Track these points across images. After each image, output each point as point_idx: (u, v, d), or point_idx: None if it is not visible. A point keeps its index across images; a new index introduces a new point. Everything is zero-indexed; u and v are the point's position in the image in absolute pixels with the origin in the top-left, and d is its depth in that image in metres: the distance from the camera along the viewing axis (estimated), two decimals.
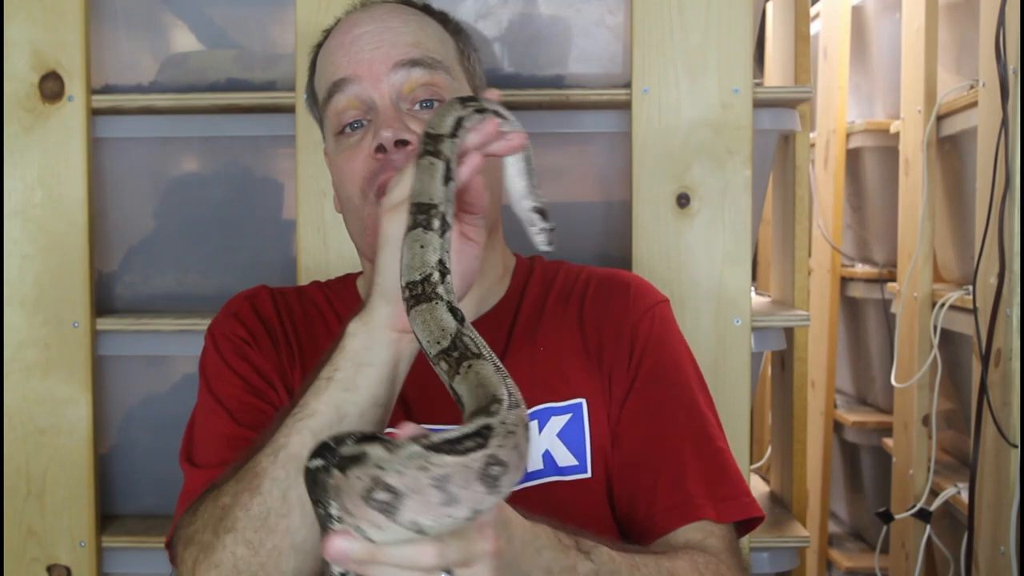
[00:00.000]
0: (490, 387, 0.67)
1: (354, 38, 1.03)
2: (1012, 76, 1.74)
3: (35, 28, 1.51)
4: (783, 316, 1.64)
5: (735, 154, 1.49)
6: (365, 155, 1.01)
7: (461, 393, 0.69)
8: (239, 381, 1.02)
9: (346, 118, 1.03)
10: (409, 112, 1.02)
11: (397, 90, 1.01)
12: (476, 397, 0.67)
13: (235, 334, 1.05)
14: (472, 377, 0.69)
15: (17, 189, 1.52)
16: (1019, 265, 1.74)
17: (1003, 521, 1.75)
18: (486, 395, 0.66)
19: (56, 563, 1.53)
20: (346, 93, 1.02)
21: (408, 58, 1.02)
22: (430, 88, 1.02)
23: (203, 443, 1.01)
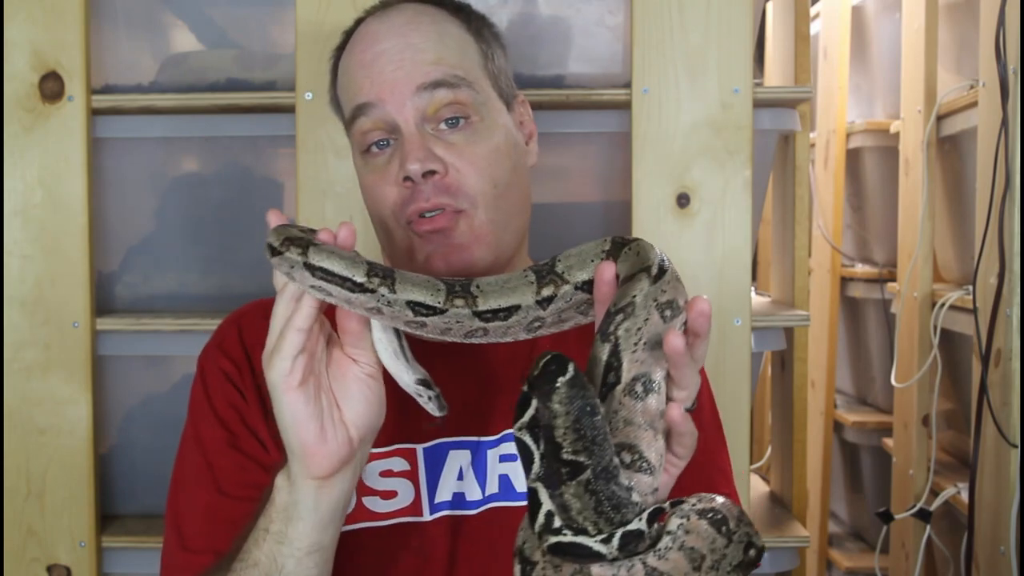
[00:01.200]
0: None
1: (374, 56, 1.02)
2: (1012, 76, 1.74)
3: (35, 28, 1.51)
4: (783, 316, 1.64)
5: (735, 154, 1.49)
6: (393, 182, 1.00)
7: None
8: (224, 433, 1.01)
9: (371, 138, 1.02)
10: (435, 133, 1.00)
11: (421, 112, 1.00)
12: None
13: (221, 370, 1.04)
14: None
15: (17, 189, 1.52)
16: (1019, 265, 1.74)
17: (1003, 521, 1.75)
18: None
19: (56, 563, 1.53)
20: (370, 117, 1.01)
21: (430, 80, 1.00)
22: (454, 107, 1.01)
23: (191, 519, 1.00)
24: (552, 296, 0.82)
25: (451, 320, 0.81)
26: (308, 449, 0.82)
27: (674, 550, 0.72)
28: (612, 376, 0.75)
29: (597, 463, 0.69)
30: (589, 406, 0.70)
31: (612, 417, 0.74)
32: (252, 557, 0.85)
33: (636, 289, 0.76)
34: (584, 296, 0.82)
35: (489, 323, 0.81)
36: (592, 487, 0.69)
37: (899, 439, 2.32)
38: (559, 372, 0.70)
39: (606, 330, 0.75)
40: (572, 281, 0.82)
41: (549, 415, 0.69)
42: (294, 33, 1.48)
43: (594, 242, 0.83)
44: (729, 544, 0.73)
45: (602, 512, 0.69)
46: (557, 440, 0.69)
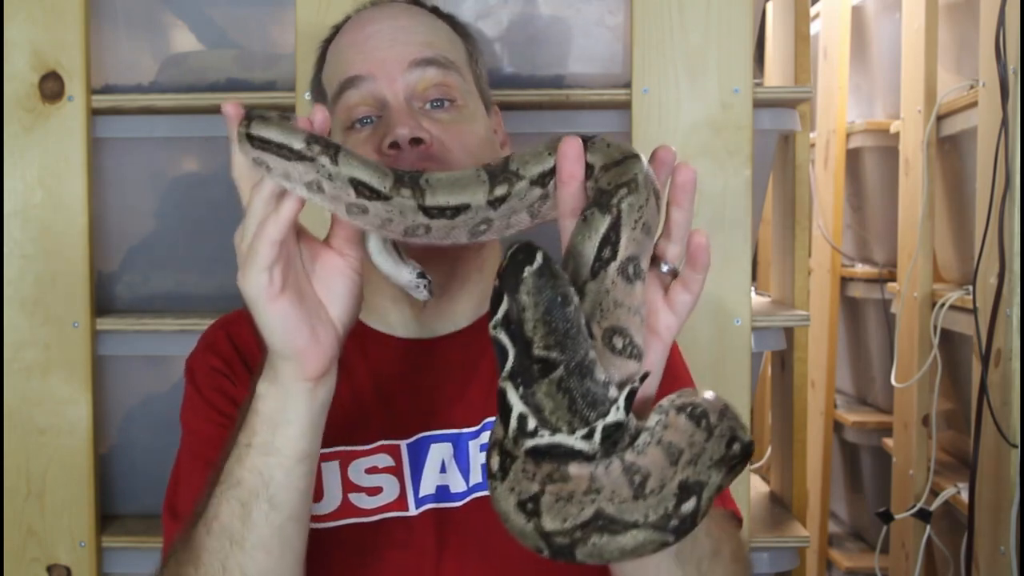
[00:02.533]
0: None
1: (367, 36, 1.03)
2: (1012, 76, 1.74)
3: (35, 28, 1.51)
4: (783, 316, 1.64)
5: (735, 154, 1.49)
6: (374, 149, 1.00)
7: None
8: (217, 416, 1.01)
9: (357, 114, 1.02)
10: (421, 111, 1.01)
11: (411, 88, 1.01)
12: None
13: (212, 367, 1.03)
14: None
15: (17, 189, 1.52)
16: (1019, 265, 1.74)
17: (1003, 521, 1.75)
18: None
19: (56, 563, 1.53)
20: (359, 90, 1.02)
21: (423, 57, 1.02)
22: (442, 88, 1.02)
23: (186, 492, 1.00)
24: (506, 195, 0.75)
25: (394, 210, 0.75)
26: (302, 352, 0.79)
27: (652, 444, 0.68)
28: (608, 251, 0.70)
29: (570, 359, 0.65)
30: (560, 296, 0.66)
31: (603, 296, 0.69)
32: (234, 476, 0.82)
33: (636, 168, 0.71)
34: (538, 192, 0.76)
35: (433, 219, 0.75)
36: (565, 384, 0.65)
37: (899, 439, 2.32)
38: (526, 261, 0.66)
39: (607, 202, 0.69)
40: (527, 176, 0.75)
41: (517, 308, 0.65)
42: (294, 33, 1.48)
43: (543, 142, 0.77)
44: (709, 438, 0.70)
45: (576, 411, 0.65)
46: (527, 336, 0.65)
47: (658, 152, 0.75)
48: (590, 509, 0.66)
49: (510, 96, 1.51)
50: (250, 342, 1.05)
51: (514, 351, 0.66)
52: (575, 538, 0.66)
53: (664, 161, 0.75)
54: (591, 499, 0.66)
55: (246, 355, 1.04)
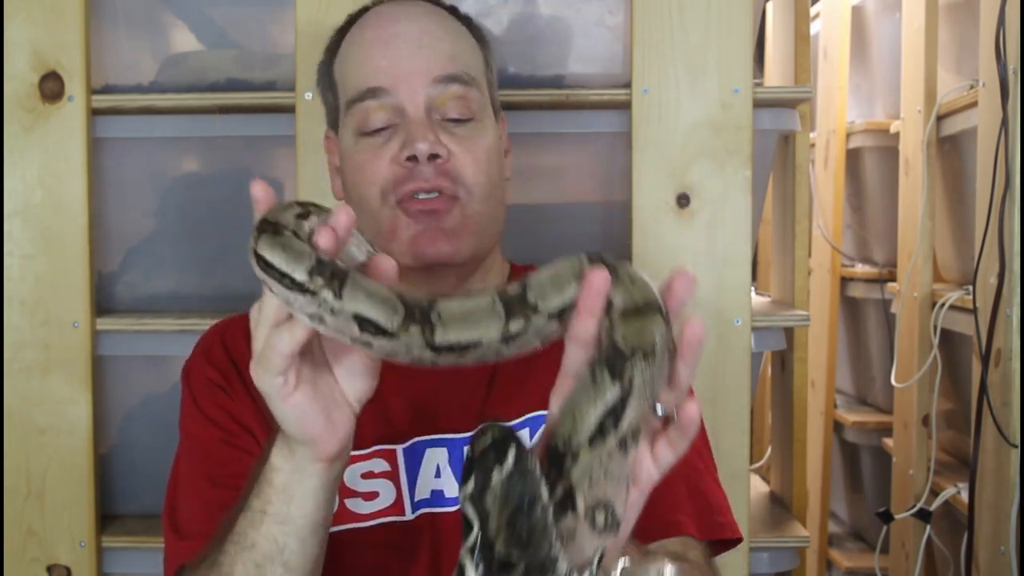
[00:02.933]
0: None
1: (392, 37, 1.02)
2: (1012, 76, 1.74)
3: (35, 28, 1.51)
4: (783, 316, 1.64)
5: (735, 154, 1.49)
6: (390, 159, 1.00)
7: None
8: (214, 429, 1.00)
9: (374, 121, 1.02)
10: (439, 123, 1.01)
11: (432, 101, 1.01)
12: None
13: (208, 379, 1.03)
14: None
15: (17, 189, 1.52)
16: (1019, 265, 1.74)
17: (1003, 521, 1.75)
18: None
19: (56, 563, 1.53)
20: (380, 100, 1.01)
21: (447, 73, 1.02)
22: (462, 103, 1.02)
23: (186, 508, 1.00)
24: (521, 331, 0.71)
25: (400, 346, 0.71)
26: (317, 439, 0.78)
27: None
28: (611, 421, 0.66)
29: (531, 559, 0.63)
30: (529, 498, 0.63)
31: (595, 468, 0.67)
32: (248, 539, 0.82)
33: (657, 331, 0.68)
34: (555, 325, 0.71)
35: (441, 355, 0.71)
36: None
37: (899, 439, 2.32)
38: (497, 461, 0.64)
39: (621, 369, 0.66)
40: (545, 311, 0.70)
41: (482, 511, 0.64)
42: (294, 33, 1.48)
43: (567, 260, 0.72)
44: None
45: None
46: (490, 537, 0.64)
47: (675, 284, 0.70)
48: None
49: (510, 96, 1.51)
50: (244, 351, 1.04)
51: (477, 530, 0.65)
52: None
53: (678, 294, 0.71)
54: None
55: (241, 365, 1.03)
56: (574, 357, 0.69)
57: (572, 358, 0.70)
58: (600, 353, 0.68)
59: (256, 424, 1.01)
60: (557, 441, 0.67)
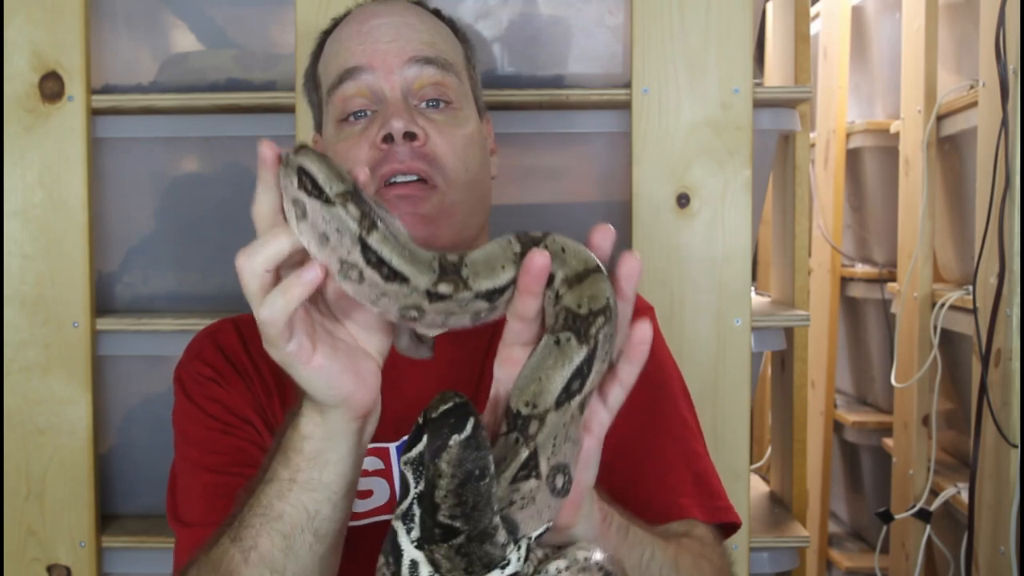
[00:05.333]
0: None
1: (371, 28, 1.04)
2: (1012, 76, 1.74)
3: (35, 28, 1.51)
4: (783, 316, 1.64)
5: (735, 154, 1.49)
6: (369, 144, 1.00)
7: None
8: (213, 423, 1.00)
9: (352, 105, 1.02)
10: (416, 108, 1.02)
11: (408, 84, 1.02)
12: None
13: (201, 375, 1.03)
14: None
15: (17, 189, 1.52)
16: (1019, 265, 1.74)
17: (1003, 521, 1.75)
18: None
19: (56, 563, 1.53)
20: (357, 81, 1.02)
21: (423, 55, 1.02)
22: (439, 88, 1.02)
23: (186, 498, 0.99)
24: (447, 295, 0.70)
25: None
26: (349, 398, 0.76)
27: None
28: (577, 384, 0.68)
29: (473, 528, 0.63)
30: (479, 470, 0.63)
31: (559, 431, 0.68)
32: (275, 510, 0.80)
33: (607, 291, 0.69)
34: (483, 306, 0.71)
35: (369, 267, 0.70)
36: (464, 550, 0.64)
37: (899, 439, 2.32)
38: (456, 428, 0.63)
39: (586, 331, 0.67)
40: (475, 289, 0.70)
41: (434, 472, 0.63)
42: (294, 33, 1.48)
43: (498, 243, 0.72)
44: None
45: (472, 572, 0.64)
46: (435, 500, 0.63)
47: (595, 239, 0.71)
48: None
49: (510, 96, 1.51)
50: (237, 348, 1.05)
51: (415, 494, 0.65)
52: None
53: (602, 248, 0.71)
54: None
55: (234, 361, 1.04)
56: (516, 330, 0.70)
57: (514, 331, 0.70)
58: (556, 321, 0.69)
59: (254, 415, 1.01)
60: (518, 405, 0.67)
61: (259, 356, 1.04)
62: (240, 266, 0.74)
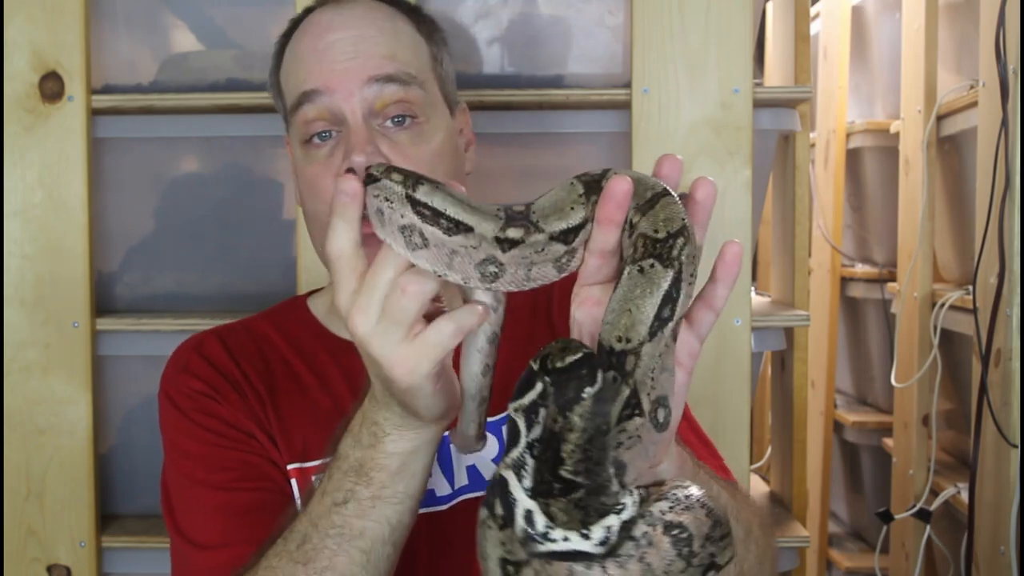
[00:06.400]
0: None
1: (327, 44, 1.00)
2: (1012, 76, 1.74)
3: (35, 28, 1.51)
4: (783, 316, 1.64)
5: (735, 154, 1.49)
6: (335, 173, 0.98)
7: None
8: (211, 436, 0.99)
9: (314, 128, 1.00)
10: (380, 129, 0.99)
11: (369, 105, 0.99)
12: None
13: (194, 390, 1.01)
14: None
15: (17, 189, 1.52)
16: (1019, 265, 1.74)
17: (1003, 521, 1.75)
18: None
19: (56, 563, 1.53)
20: (316, 104, 0.99)
21: (383, 73, 0.99)
22: (402, 104, 0.99)
23: (194, 517, 0.98)
24: (519, 240, 0.69)
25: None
26: (450, 409, 0.77)
27: (634, 560, 0.66)
28: (668, 310, 0.65)
29: (593, 483, 0.63)
30: (606, 424, 0.62)
31: (655, 363, 0.65)
32: (355, 529, 0.80)
33: (681, 213, 0.67)
34: (560, 248, 0.70)
35: (427, 223, 0.70)
36: (582, 503, 0.63)
37: (899, 439, 2.32)
38: (588, 380, 0.62)
39: (668, 254, 0.65)
40: (547, 231, 0.69)
41: (564, 425, 0.62)
42: None
43: (560, 186, 0.72)
44: (687, 568, 0.67)
45: (587, 522, 0.63)
46: (561, 455, 0.62)
47: (663, 169, 0.71)
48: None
49: (510, 96, 1.51)
50: (225, 359, 1.04)
51: (527, 442, 0.64)
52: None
53: (671, 176, 0.71)
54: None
55: (226, 373, 1.03)
56: (595, 267, 0.69)
57: (592, 268, 0.69)
58: (635, 250, 0.68)
59: (255, 427, 1.00)
60: (611, 342, 0.66)
61: (248, 366, 1.04)
62: (360, 323, 0.72)
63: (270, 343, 1.07)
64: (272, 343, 1.07)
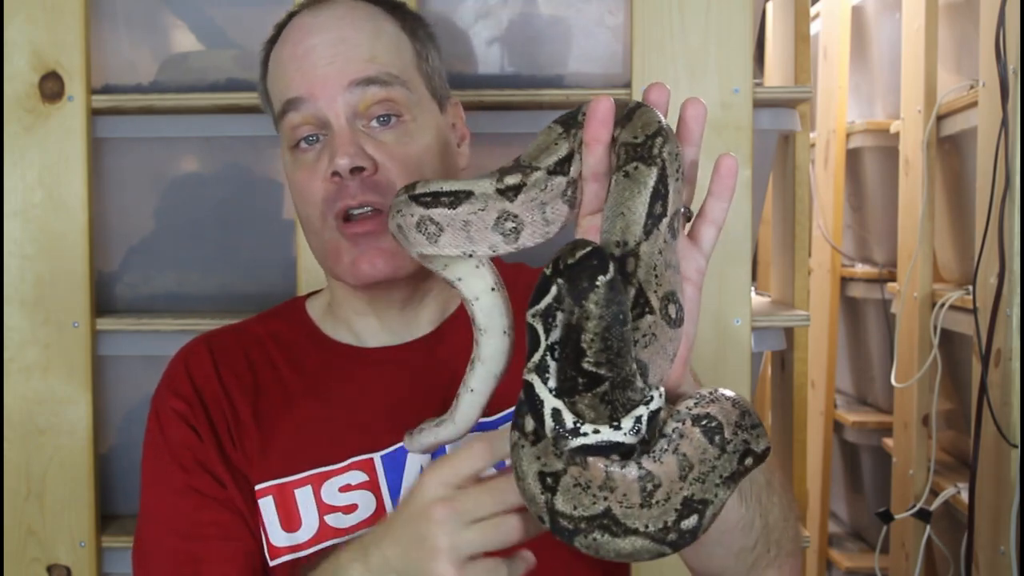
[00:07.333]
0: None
1: (306, 50, 1.01)
2: (1012, 76, 1.74)
3: (35, 28, 1.51)
4: (783, 316, 1.64)
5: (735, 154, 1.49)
6: (321, 178, 0.99)
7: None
8: (180, 475, 1.00)
9: (300, 133, 1.01)
10: (365, 130, 0.99)
11: (353, 108, 0.99)
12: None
13: (174, 409, 1.03)
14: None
15: (17, 189, 1.52)
16: (1019, 265, 1.74)
17: (1003, 521, 1.75)
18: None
19: (56, 563, 1.53)
20: (300, 112, 1.00)
21: (363, 76, 0.99)
22: (386, 104, 1.00)
23: (156, 556, 1.00)
24: (520, 184, 0.72)
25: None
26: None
27: (668, 453, 0.68)
28: (659, 207, 0.67)
29: (617, 375, 0.63)
30: (622, 314, 0.62)
31: (656, 260, 0.67)
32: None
33: (655, 116, 0.69)
34: (562, 180, 0.73)
35: (430, 208, 0.74)
36: (608, 397, 0.63)
37: (899, 439, 2.32)
38: (600, 269, 0.62)
39: (648, 154, 0.67)
40: (543, 166, 0.73)
41: (580, 315, 0.62)
42: None
43: (540, 133, 0.75)
44: (721, 455, 0.69)
45: (616, 417, 0.64)
46: (582, 346, 0.62)
47: (651, 94, 0.73)
48: (600, 505, 0.66)
49: (510, 96, 1.51)
50: (208, 373, 1.05)
51: (546, 344, 0.65)
52: (579, 527, 0.66)
53: (658, 102, 0.73)
54: (604, 496, 0.66)
55: (204, 392, 1.03)
56: (593, 192, 0.71)
57: (591, 195, 0.71)
58: (619, 160, 0.69)
59: (218, 465, 1.01)
60: (609, 248, 0.67)
61: (230, 379, 1.05)
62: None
63: (261, 348, 1.07)
64: (263, 348, 1.07)
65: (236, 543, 0.98)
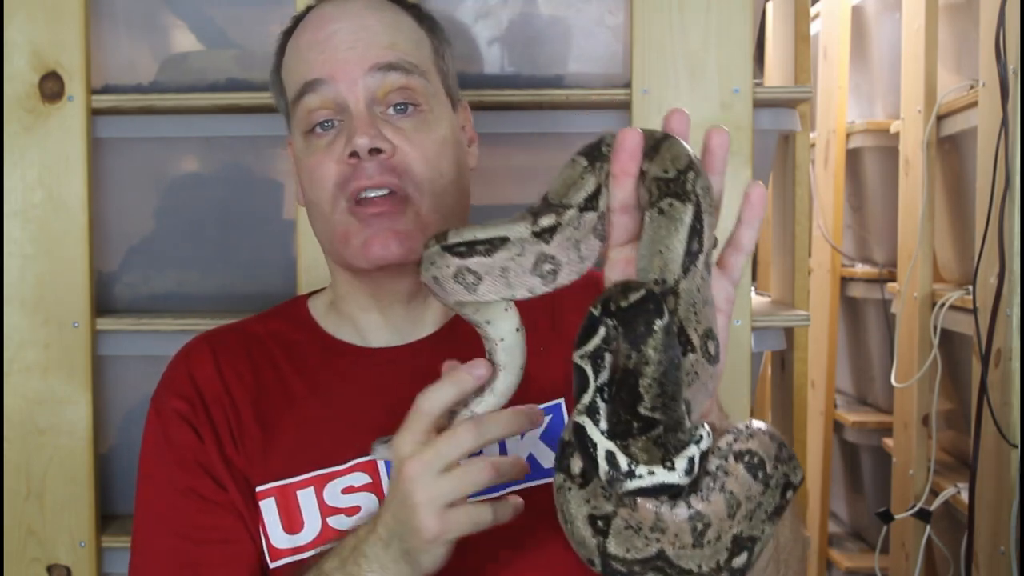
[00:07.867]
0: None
1: (328, 35, 1.01)
2: (1012, 76, 1.74)
3: (35, 28, 1.51)
4: (783, 316, 1.64)
5: (735, 154, 1.49)
6: (336, 159, 0.99)
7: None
8: (180, 476, 1.01)
9: (317, 117, 1.00)
10: (383, 116, 1.00)
11: (372, 93, 0.99)
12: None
13: (174, 409, 1.03)
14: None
15: (17, 189, 1.52)
16: (1019, 265, 1.74)
17: (1003, 521, 1.75)
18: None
19: (56, 563, 1.53)
20: (319, 94, 1.00)
21: (384, 61, 0.99)
22: (405, 92, 1.00)
23: (152, 558, 1.01)
24: (554, 225, 0.71)
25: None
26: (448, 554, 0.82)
27: (715, 491, 0.68)
28: (696, 243, 0.67)
29: (670, 419, 0.63)
30: (677, 358, 0.63)
31: (695, 296, 0.66)
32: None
33: (684, 150, 0.69)
34: (593, 216, 0.72)
35: (467, 258, 0.73)
36: (661, 440, 0.63)
37: (899, 439, 2.32)
38: (656, 314, 0.62)
39: (683, 189, 0.66)
40: (575, 204, 0.72)
41: (639, 360, 0.62)
42: None
43: (564, 167, 0.75)
44: (765, 490, 0.69)
45: (668, 459, 0.64)
46: (639, 391, 0.62)
47: (672, 123, 0.73)
48: (654, 547, 0.66)
49: (510, 96, 1.51)
50: (210, 373, 1.04)
51: (595, 388, 0.65)
52: (632, 571, 0.67)
53: (678, 128, 0.73)
54: (656, 537, 0.66)
55: (205, 392, 1.03)
56: (622, 226, 0.71)
57: (620, 227, 0.71)
58: (651, 195, 0.69)
59: (219, 466, 1.01)
60: (648, 284, 0.67)
61: (232, 379, 1.04)
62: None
63: (262, 348, 1.07)
64: (265, 348, 1.07)
65: (236, 546, 0.98)
